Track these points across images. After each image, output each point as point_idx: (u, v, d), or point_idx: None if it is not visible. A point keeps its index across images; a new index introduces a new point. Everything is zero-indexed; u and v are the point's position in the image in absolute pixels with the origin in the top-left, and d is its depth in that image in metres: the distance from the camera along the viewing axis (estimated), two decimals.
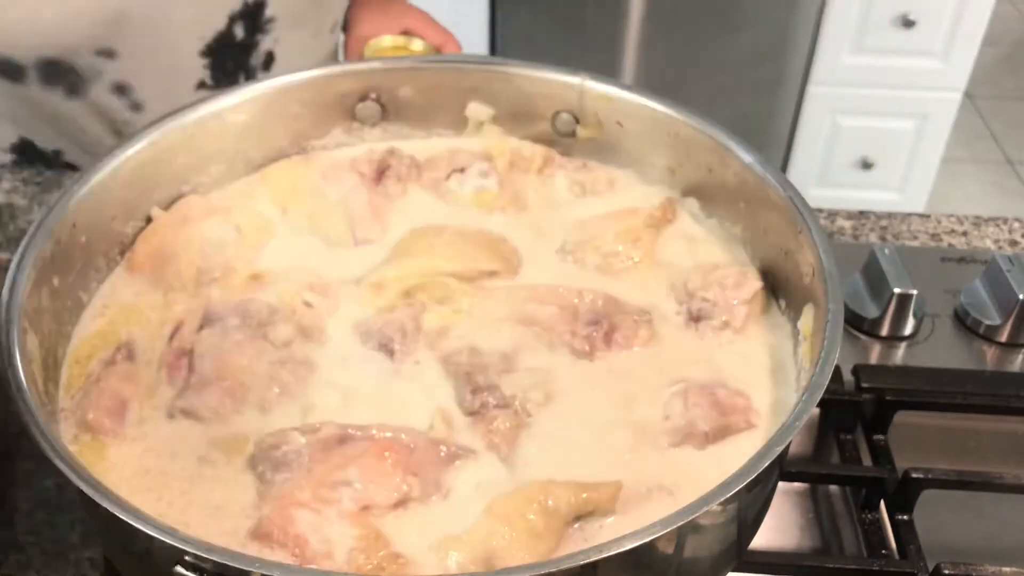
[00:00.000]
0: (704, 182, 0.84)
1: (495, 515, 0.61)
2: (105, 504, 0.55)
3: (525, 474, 0.65)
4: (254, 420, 0.68)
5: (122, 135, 1.07)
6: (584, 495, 0.62)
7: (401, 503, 0.63)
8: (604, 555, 0.52)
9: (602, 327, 0.74)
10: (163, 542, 0.53)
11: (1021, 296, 0.91)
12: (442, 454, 0.66)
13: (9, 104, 1.06)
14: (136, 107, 1.07)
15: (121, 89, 1.03)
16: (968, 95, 2.95)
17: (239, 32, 1.02)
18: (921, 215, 1.09)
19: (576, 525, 0.63)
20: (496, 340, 0.74)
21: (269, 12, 1.05)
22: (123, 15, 0.96)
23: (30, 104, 1.06)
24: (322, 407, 0.69)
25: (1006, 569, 0.71)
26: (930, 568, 0.72)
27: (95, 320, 0.75)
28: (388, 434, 0.66)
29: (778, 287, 0.78)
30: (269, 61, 1.12)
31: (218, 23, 1.03)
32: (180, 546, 0.52)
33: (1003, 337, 0.93)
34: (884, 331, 0.93)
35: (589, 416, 0.69)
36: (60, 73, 1.01)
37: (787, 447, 0.59)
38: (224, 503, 0.64)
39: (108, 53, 0.99)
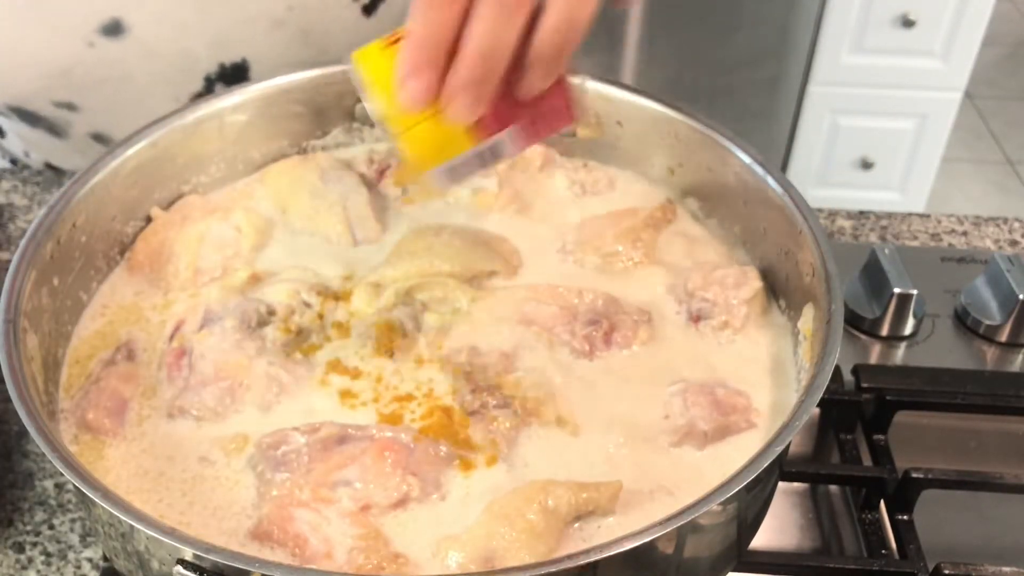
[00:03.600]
0: (704, 182, 0.84)
1: (495, 515, 0.61)
2: (105, 504, 0.55)
3: (525, 474, 0.65)
4: (254, 420, 0.68)
5: None
6: (584, 495, 0.62)
7: (401, 503, 0.63)
8: (604, 555, 0.52)
9: (602, 327, 0.74)
10: (163, 542, 0.53)
11: (1021, 296, 0.91)
12: (442, 454, 0.66)
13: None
14: None
15: (99, 138, 0.98)
16: (968, 95, 2.95)
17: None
18: (921, 215, 1.09)
19: (576, 525, 0.63)
20: (496, 340, 0.74)
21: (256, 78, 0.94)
22: (69, 71, 0.90)
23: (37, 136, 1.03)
24: (321, 407, 0.69)
25: (1006, 569, 0.71)
26: (930, 568, 0.72)
27: (95, 320, 0.75)
28: (388, 434, 0.66)
29: (778, 287, 0.78)
30: None
31: (193, 84, 0.95)
32: (180, 546, 0.53)
33: (1003, 337, 0.93)
34: (884, 331, 0.93)
35: (589, 416, 0.69)
36: (33, 118, 0.96)
37: (787, 447, 0.59)
38: (224, 503, 0.64)
39: (68, 106, 0.94)
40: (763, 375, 0.73)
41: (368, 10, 0.95)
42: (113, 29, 0.88)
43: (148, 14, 0.88)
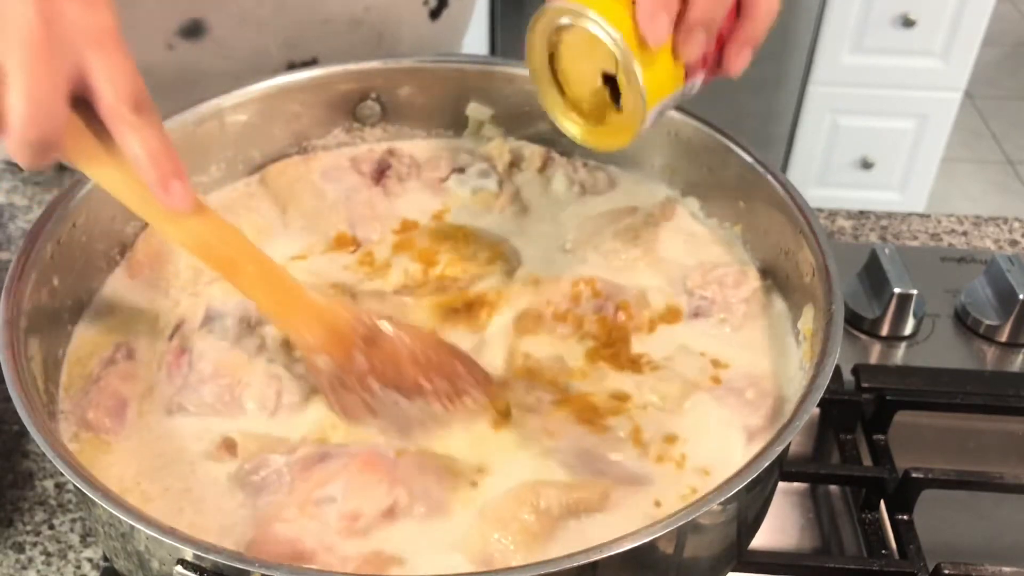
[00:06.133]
0: (704, 182, 0.84)
1: (489, 520, 0.61)
2: (105, 504, 0.54)
3: (521, 478, 0.65)
4: (253, 418, 0.68)
5: None
6: (574, 495, 0.62)
7: (391, 513, 0.62)
8: (604, 555, 0.52)
9: (606, 309, 0.74)
10: (163, 542, 0.53)
11: (1021, 296, 0.91)
12: (427, 466, 0.64)
13: None
14: None
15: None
16: (968, 95, 2.95)
17: None
18: (921, 215, 1.09)
19: (570, 521, 0.62)
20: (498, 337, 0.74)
21: None
22: (147, 74, 0.85)
23: None
24: (320, 405, 0.69)
25: (1006, 569, 0.71)
26: (930, 568, 0.72)
27: (95, 320, 0.75)
28: (368, 449, 0.65)
29: (778, 287, 0.78)
30: None
31: None
32: (180, 546, 0.52)
33: (1003, 337, 0.93)
34: (884, 331, 0.93)
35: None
36: None
37: (787, 447, 0.59)
38: (223, 500, 0.63)
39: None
40: None
41: (434, 14, 0.95)
42: (193, 30, 0.87)
43: (229, 14, 0.88)
